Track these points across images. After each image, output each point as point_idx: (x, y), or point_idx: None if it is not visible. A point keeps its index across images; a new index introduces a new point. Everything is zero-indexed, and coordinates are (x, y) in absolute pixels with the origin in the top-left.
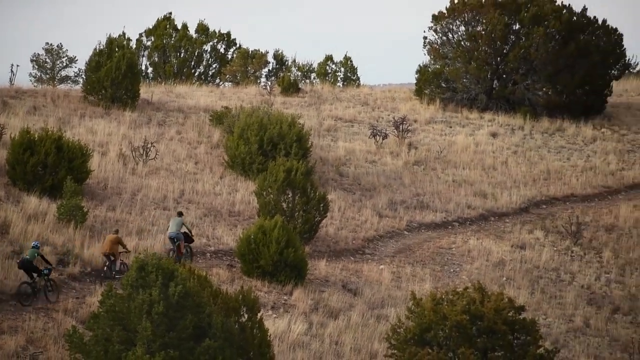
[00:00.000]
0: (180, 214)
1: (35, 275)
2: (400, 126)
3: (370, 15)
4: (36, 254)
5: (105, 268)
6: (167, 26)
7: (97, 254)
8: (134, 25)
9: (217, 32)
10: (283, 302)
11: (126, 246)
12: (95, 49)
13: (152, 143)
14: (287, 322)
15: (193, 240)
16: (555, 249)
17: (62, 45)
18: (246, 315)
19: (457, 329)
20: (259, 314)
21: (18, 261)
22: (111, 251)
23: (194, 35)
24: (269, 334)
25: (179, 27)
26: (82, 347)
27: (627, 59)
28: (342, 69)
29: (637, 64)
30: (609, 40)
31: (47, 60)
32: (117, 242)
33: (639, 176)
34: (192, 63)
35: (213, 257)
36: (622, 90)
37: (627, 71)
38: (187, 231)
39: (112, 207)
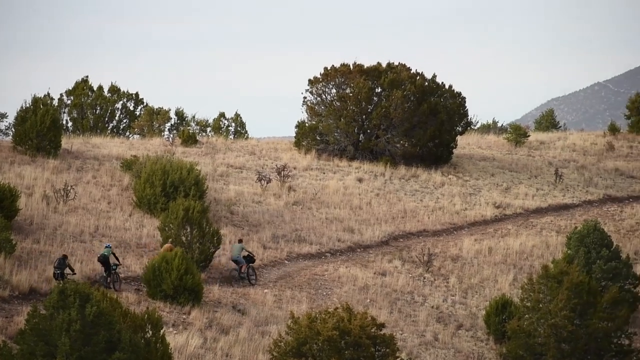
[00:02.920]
0: (240, 241)
1: (109, 268)
2: (282, 172)
3: (257, 79)
4: (110, 252)
5: None
6: (85, 87)
7: (24, 280)
8: (57, 87)
9: (127, 92)
10: (182, 320)
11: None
12: (22, 106)
13: (71, 186)
14: (186, 337)
15: (254, 260)
16: (410, 275)
17: None
18: (151, 332)
19: (329, 343)
20: (162, 331)
21: (98, 256)
22: None
23: (108, 95)
24: (170, 347)
25: (95, 88)
26: (10, 359)
27: (469, 117)
28: (233, 124)
29: (477, 122)
30: (454, 102)
31: None
32: (170, 251)
33: (478, 215)
34: (106, 118)
35: (123, 282)
36: (465, 144)
37: (469, 127)
38: (249, 254)
39: (37, 240)
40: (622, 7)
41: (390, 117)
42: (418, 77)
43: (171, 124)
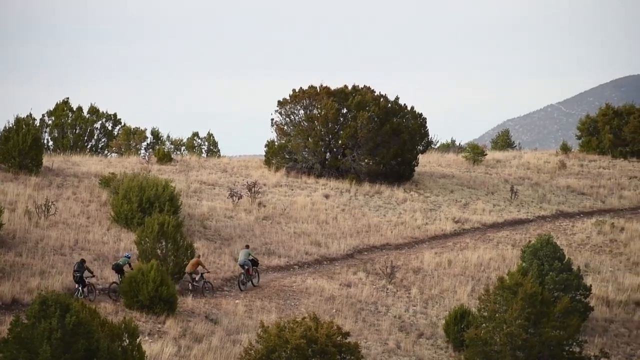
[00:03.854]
0: (247, 247)
1: (121, 277)
2: (252, 189)
3: (229, 100)
4: (127, 262)
5: (189, 285)
6: (65, 108)
7: (7, 291)
8: (39, 107)
9: (105, 112)
10: (157, 329)
11: (205, 267)
12: (5, 126)
13: (52, 202)
14: (161, 345)
15: (258, 264)
16: (374, 286)
17: None
18: (127, 340)
19: (297, 351)
20: (138, 339)
21: (113, 264)
22: (193, 270)
23: (87, 116)
24: (145, 355)
25: (75, 109)
26: None
27: (429, 137)
28: (206, 143)
29: (438, 141)
30: (416, 122)
31: None
32: (197, 264)
33: (439, 229)
34: (85, 137)
35: (101, 293)
36: (426, 162)
37: (429, 147)
38: (254, 258)
39: (19, 253)
40: (573, 34)
41: (356, 136)
42: (382, 99)
43: (147, 143)
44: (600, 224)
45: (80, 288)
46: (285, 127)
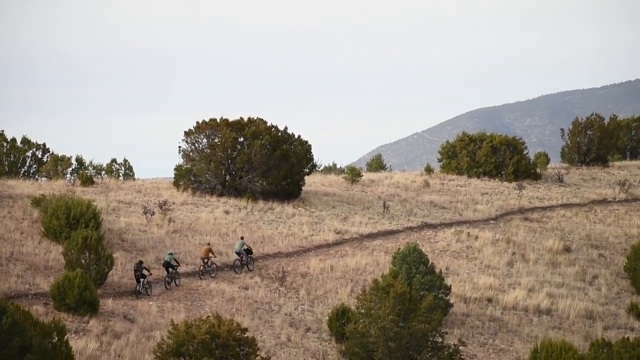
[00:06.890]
0: (242, 238)
1: (170, 270)
2: (163, 207)
3: (141, 131)
4: (172, 258)
5: (201, 267)
6: (0, 139)
7: None
8: None
9: (36, 143)
10: (82, 328)
11: (214, 253)
12: None
13: None
14: (85, 341)
15: (252, 252)
16: (268, 289)
17: None
18: (57, 338)
19: (202, 345)
20: (66, 337)
21: (162, 262)
22: (205, 256)
23: (20, 145)
24: (72, 350)
25: (9, 139)
26: None
27: (314, 161)
28: (123, 168)
29: (321, 165)
30: (302, 148)
31: None
32: (209, 250)
33: (322, 239)
34: (19, 164)
35: (34, 297)
36: (311, 182)
37: (314, 169)
38: (248, 247)
39: None
40: (433, 72)
41: (251, 161)
42: (273, 129)
43: (72, 168)
44: (458, 233)
45: (140, 284)
46: (191, 154)
